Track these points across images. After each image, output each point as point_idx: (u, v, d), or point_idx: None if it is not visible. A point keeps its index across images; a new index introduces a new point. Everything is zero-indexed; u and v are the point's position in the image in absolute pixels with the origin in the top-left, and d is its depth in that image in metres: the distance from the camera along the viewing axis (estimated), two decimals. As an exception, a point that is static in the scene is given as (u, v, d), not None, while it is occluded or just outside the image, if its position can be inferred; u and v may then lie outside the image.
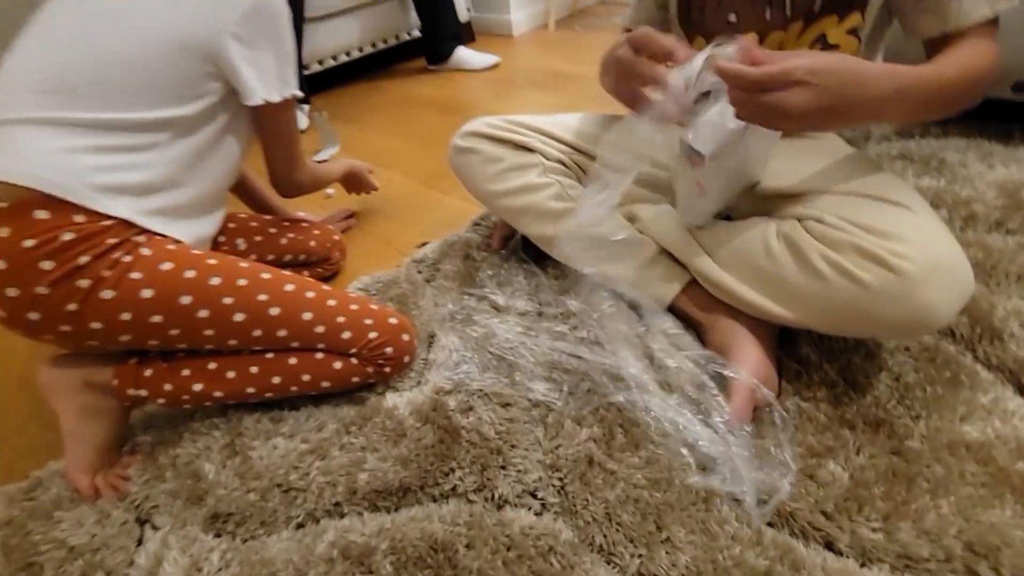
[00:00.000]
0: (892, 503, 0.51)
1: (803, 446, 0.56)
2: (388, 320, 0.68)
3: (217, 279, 0.61)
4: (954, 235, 0.79)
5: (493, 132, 0.79)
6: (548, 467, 0.59)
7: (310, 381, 0.66)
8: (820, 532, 0.50)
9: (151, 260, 0.58)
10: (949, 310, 0.50)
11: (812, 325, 0.58)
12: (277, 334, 0.63)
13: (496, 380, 0.69)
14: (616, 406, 0.63)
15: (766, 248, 0.59)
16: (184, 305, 0.59)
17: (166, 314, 0.59)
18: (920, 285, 0.49)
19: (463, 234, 0.99)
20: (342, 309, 0.66)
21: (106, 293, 0.56)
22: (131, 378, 0.63)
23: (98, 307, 0.56)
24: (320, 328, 0.64)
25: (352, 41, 1.87)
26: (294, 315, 0.63)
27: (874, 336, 0.62)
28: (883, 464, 0.54)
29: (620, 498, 0.54)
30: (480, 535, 0.53)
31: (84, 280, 0.55)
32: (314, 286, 0.67)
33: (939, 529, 0.48)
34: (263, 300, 0.62)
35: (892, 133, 1.12)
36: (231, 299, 0.61)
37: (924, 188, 0.91)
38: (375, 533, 0.54)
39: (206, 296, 0.60)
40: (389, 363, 0.68)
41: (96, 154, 0.57)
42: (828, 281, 0.53)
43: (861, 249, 0.51)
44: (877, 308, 0.51)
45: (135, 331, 0.59)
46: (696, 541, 0.50)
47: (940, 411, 0.58)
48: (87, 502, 0.61)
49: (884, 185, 0.57)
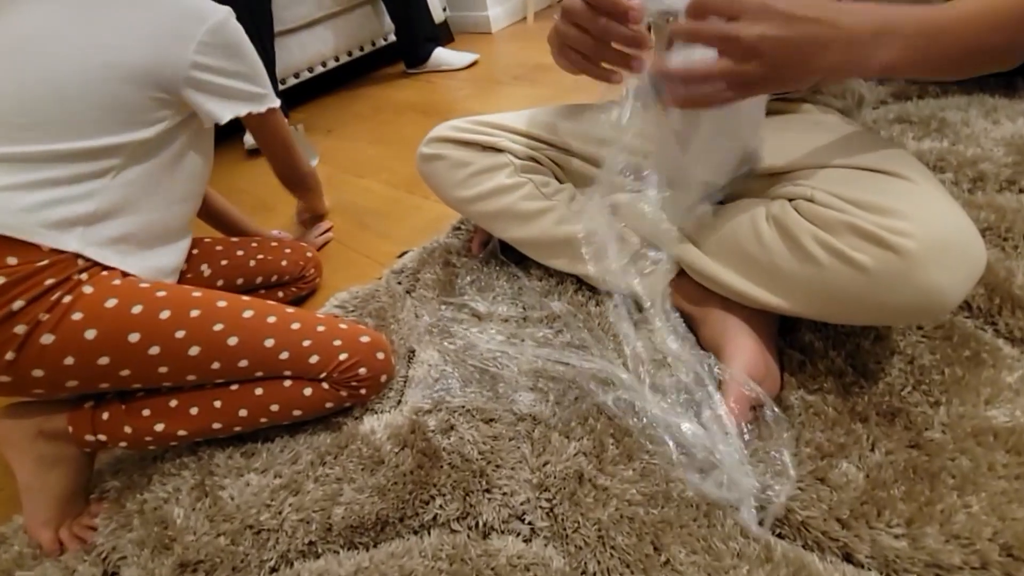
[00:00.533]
0: (915, 504, 0.45)
1: (811, 445, 0.51)
2: (359, 339, 0.64)
3: (167, 312, 0.56)
4: (962, 198, 0.74)
5: (459, 136, 0.75)
6: (536, 487, 0.54)
7: (279, 411, 0.62)
8: (837, 542, 0.45)
9: (94, 298, 0.55)
10: (959, 291, 0.45)
11: (810, 314, 0.53)
12: (238, 365, 0.59)
13: (478, 394, 0.64)
14: (606, 414, 0.58)
15: (755, 233, 0.53)
16: (132, 343, 0.55)
17: (113, 355, 0.55)
18: (924, 265, 0.43)
19: (443, 240, 0.94)
20: (307, 332, 0.62)
21: (46, 338, 0.52)
22: (87, 424, 0.60)
23: (38, 354, 0.52)
24: (284, 354, 0.60)
25: (326, 51, 1.83)
26: (254, 343, 0.59)
27: (877, 323, 0.57)
28: (902, 460, 0.48)
29: (614, 518, 0.49)
30: (463, 570, 0.48)
31: (20, 326, 0.51)
32: (275, 310, 0.63)
33: (971, 532, 0.43)
34: (219, 330, 0.58)
35: (888, 96, 1.06)
36: (183, 332, 0.57)
37: (926, 151, 0.85)
38: (351, 573, 0.50)
39: (156, 331, 0.56)
40: (364, 384, 0.63)
41: (37, 190, 0.54)
42: (823, 266, 0.48)
43: (857, 228, 0.46)
44: (878, 292, 0.45)
45: (82, 375, 0.55)
46: (699, 562, 0.45)
47: (962, 395, 0.52)
48: (51, 558, 0.58)
49: (880, 155, 0.52)
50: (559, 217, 0.71)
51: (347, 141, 1.56)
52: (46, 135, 0.55)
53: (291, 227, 1.13)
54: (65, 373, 0.54)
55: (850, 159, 0.52)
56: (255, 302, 0.63)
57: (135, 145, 0.60)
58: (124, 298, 0.56)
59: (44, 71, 0.56)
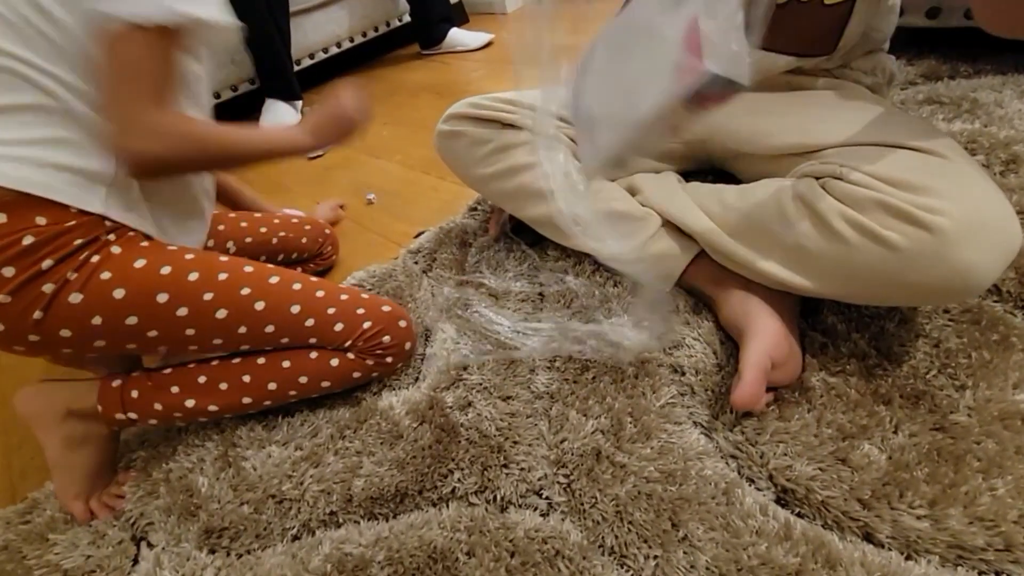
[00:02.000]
0: (938, 486, 0.45)
1: (832, 426, 0.51)
2: (381, 308, 0.64)
3: (195, 274, 0.56)
4: (994, 180, 0.72)
5: (478, 113, 0.74)
6: (553, 463, 0.54)
7: (308, 383, 0.62)
8: (857, 522, 0.45)
9: (122, 258, 0.54)
10: (992, 270, 0.44)
11: (836, 294, 0.52)
12: (264, 330, 0.59)
13: (496, 372, 0.65)
14: (624, 393, 0.58)
15: (780, 212, 0.52)
16: (161, 304, 0.55)
17: (142, 315, 0.54)
18: (958, 243, 0.42)
19: (459, 220, 0.94)
20: (331, 300, 0.62)
21: (74, 297, 0.52)
22: (116, 402, 0.60)
23: (66, 312, 0.52)
24: (310, 321, 0.60)
25: (341, 32, 1.82)
26: (281, 308, 0.59)
27: (905, 303, 0.56)
28: (925, 442, 0.48)
29: (631, 494, 0.50)
30: (481, 541, 0.49)
31: (48, 285, 0.51)
32: (301, 278, 0.62)
33: (995, 514, 0.42)
34: (246, 294, 0.58)
35: (918, 76, 1.03)
36: (211, 294, 0.56)
37: (957, 132, 0.82)
38: (371, 543, 0.51)
39: (184, 293, 0.55)
40: (389, 352, 0.64)
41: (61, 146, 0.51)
42: (851, 245, 0.47)
43: (887, 206, 0.45)
44: (909, 272, 0.44)
45: (110, 335, 0.55)
46: (717, 538, 0.45)
47: (988, 379, 0.51)
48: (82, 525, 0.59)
49: (912, 132, 0.50)
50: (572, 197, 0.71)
51: (362, 122, 1.55)
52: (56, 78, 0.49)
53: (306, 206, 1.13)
54: (93, 333, 0.54)
55: (880, 136, 0.51)
56: (280, 270, 0.62)
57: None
58: (152, 259, 0.55)
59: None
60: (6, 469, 0.71)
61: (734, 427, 0.54)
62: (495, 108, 0.74)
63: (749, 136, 0.64)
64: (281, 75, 1.59)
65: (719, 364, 0.60)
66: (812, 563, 0.42)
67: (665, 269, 0.66)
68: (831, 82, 0.65)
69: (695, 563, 0.44)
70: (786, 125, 0.58)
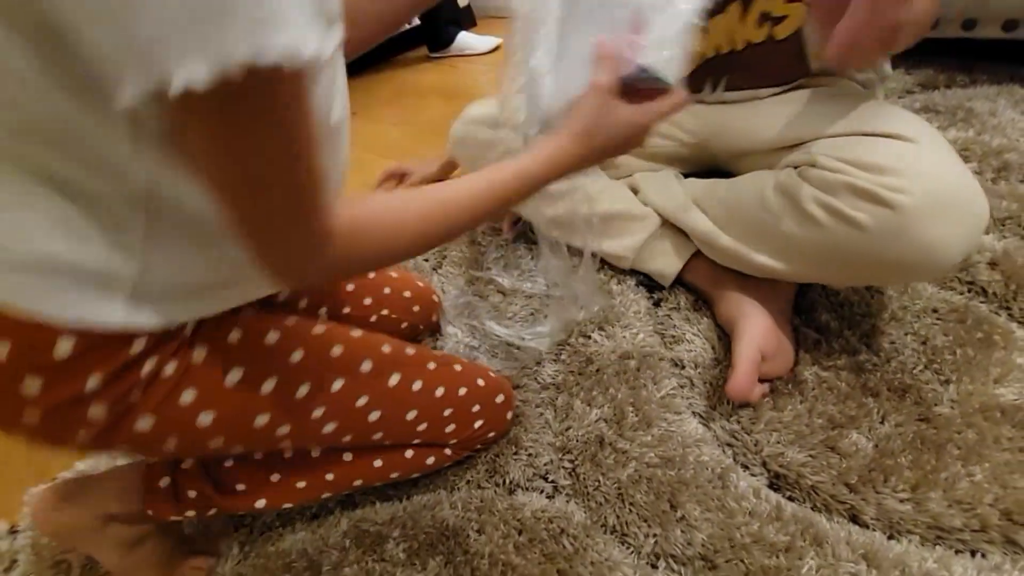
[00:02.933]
0: (921, 472, 0.48)
1: (823, 416, 0.54)
2: (495, 400, 0.56)
3: (305, 387, 0.45)
4: (985, 187, 0.75)
5: (490, 116, 0.77)
6: (559, 449, 0.58)
7: (397, 477, 0.55)
8: (844, 505, 0.48)
9: (208, 369, 0.41)
10: (958, 246, 0.45)
11: (812, 277, 0.55)
12: (372, 438, 0.50)
13: (504, 365, 0.68)
14: (627, 384, 0.61)
15: (762, 201, 0.55)
16: (259, 428, 0.43)
17: (230, 437, 0.43)
18: (920, 219, 0.44)
19: (468, 220, 0.97)
20: (450, 399, 0.53)
21: (143, 423, 0.38)
22: (169, 508, 0.49)
23: (127, 436, 0.39)
24: (422, 426, 0.52)
25: (352, 34, 1.86)
26: (397, 417, 0.50)
27: (878, 282, 0.58)
28: (910, 432, 0.51)
29: (632, 477, 0.53)
30: (491, 520, 0.52)
31: (97, 408, 0.36)
32: (421, 372, 0.52)
33: (972, 497, 0.45)
34: (362, 406, 0.48)
35: (915, 85, 1.06)
36: (321, 410, 0.46)
37: (951, 140, 0.84)
38: (387, 521, 0.54)
39: (288, 412, 0.45)
40: (485, 444, 0.58)
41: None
42: (823, 227, 0.49)
43: (855, 188, 0.47)
44: (876, 249, 0.47)
45: (180, 453, 0.44)
46: (712, 518, 0.48)
47: (972, 374, 0.54)
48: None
49: (886, 120, 0.52)
50: (582, 196, 0.74)
51: (371, 124, 1.59)
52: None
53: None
54: (162, 451, 0.42)
55: (855, 126, 0.53)
56: (398, 356, 0.51)
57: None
58: (252, 369, 0.42)
59: None
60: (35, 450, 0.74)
61: (730, 417, 0.57)
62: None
63: (746, 134, 0.67)
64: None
65: (717, 358, 0.63)
66: (800, 541, 0.45)
67: (663, 267, 0.69)
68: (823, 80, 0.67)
69: (691, 540, 0.47)
70: (778, 121, 0.61)
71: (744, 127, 0.66)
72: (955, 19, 1.01)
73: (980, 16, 0.98)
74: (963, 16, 1.00)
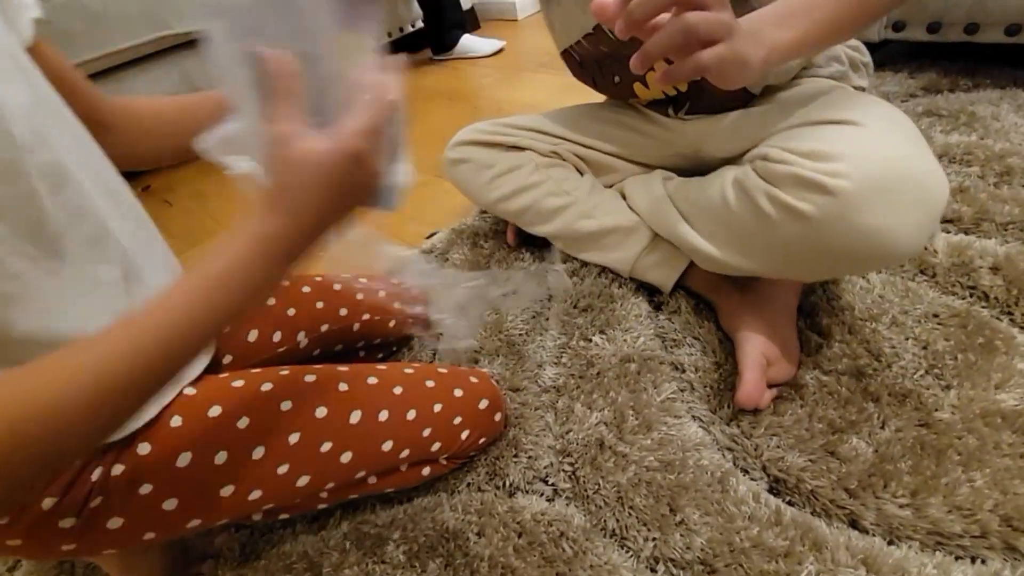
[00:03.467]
0: (921, 477, 0.48)
1: (823, 421, 0.54)
2: (478, 407, 0.56)
3: (260, 450, 0.44)
4: (987, 191, 0.75)
5: (483, 138, 0.78)
6: (559, 452, 0.58)
7: (394, 489, 0.55)
8: (843, 510, 0.48)
9: (159, 459, 0.41)
10: (908, 231, 0.43)
11: (773, 272, 0.54)
12: (355, 477, 0.50)
13: (505, 366, 0.68)
14: (627, 388, 0.61)
15: (723, 198, 0.54)
16: (227, 497, 0.44)
17: (206, 514, 0.44)
18: (861, 204, 0.42)
19: (470, 222, 0.98)
20: (425, 418, 0.52)
21: (113, 523, 0.40)
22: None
23: (105, 537, 0.41)
24: (404, 452, 0.51)
25: (356, 37, 1.87)
26: (371, 452, 0.50)
27: (834, 274, 0.57)
28: (910, 437, 0.51)
29: (632, 481, 0.53)
30: (491, 522, 0.52)
31: (67, 520, 0.39)
32: (383, 398, 0.51)
33: (973, 503, 0.45)
34: (327, 451, 0.47)
35: (918, 89, 1.05)
36: (286, 466, 0.45)
37: (953, 144, 0.85)
38: (387, 523, 0.54)
39: (249, 476, 0.44)
40: (480, 450, 0.59)
41: None
42: (773, 221, 0.48)
43: (799, 178, 0.45)
44: (823, 239, 0.45)
45: (165, 533, 0.44)
46: (712, 523, 0.48)
47: (973, 379, 0.54)
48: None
49: (840, 107, 0.50)
50: (578, 212, 0.74)
51: (375, 126, 1.60)
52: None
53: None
54: (142, 540, 0.43)
55: (808, 116, 0.52)
56: (357, 391, 0.50)
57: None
58: (199, 448, 0.43)
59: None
60: None
61: (730, 421, 0.57)
62: (497, 132, 0.78)
63: (728, 139, 0.67)
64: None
65: (717, 362, 0.63)
66: (800, 546, 0.45)
67: (660, 278, 0.70)
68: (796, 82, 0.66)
69: (691, 544, 0.47)
70: (752, 130, 0.60)
71: (725, 132, 0.66)
72: (957, 23, 1.01)
73: (982, 20, 0.98)
74: (965, 20, 1.00)
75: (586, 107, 0.81)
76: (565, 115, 0.80)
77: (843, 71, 0.65)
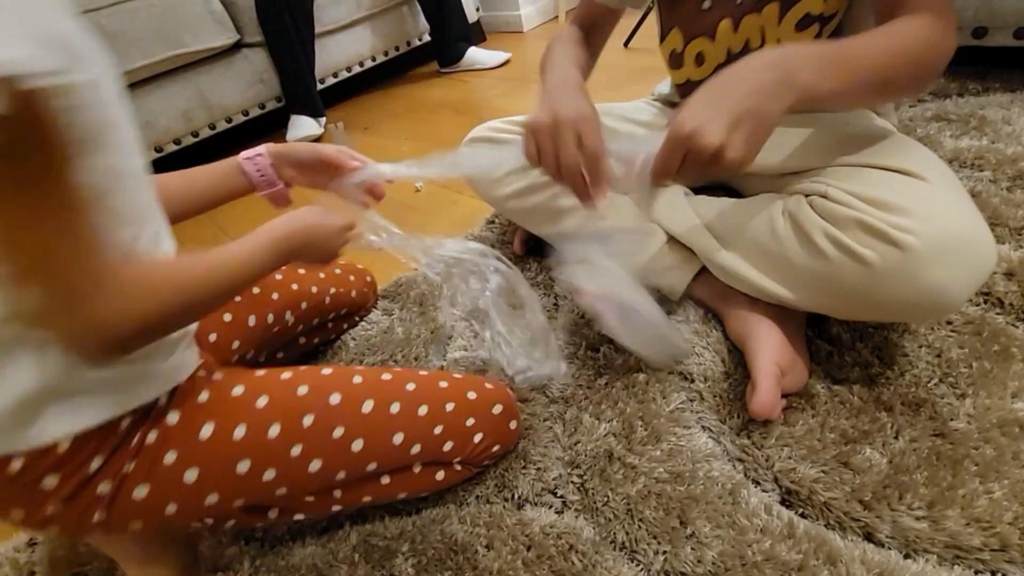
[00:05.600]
0: (937, 489, 0.47)
1: (836, 431, 0.53)
2: (492, 411, 0.56)
3: (276, 427, 0.47)
4: (1000, 196, 0.74)
5: (495, 136, 0.79)
6: (567, 464, 0.57)
7: (407, 495, 0.56)
8: (858, 522, 0.47)
9: (182, 430, 0.45)
10: (962, 290, 0.45)
11: (820, 308, 0.54)
12: (366, 469, 0.51)
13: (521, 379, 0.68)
14: (635, 398, 0.61)
15: (771, 228, 0.55)
16: (242, 474, 0.46)
17: (222, 489, 0.46)
18: (927, 261, 0.44)
19: (477, 232, 0.98)
20: (437, 415, 0.53)
21: (139, 491, 0.43)
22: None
23: (133, 508, 0.44)
24: (416, 448, 0.52)
25: (364, 51, 1.90)
26: (382, 443, 0.51)
27: (880, 319, 0.58)
28: (925, 448, 0.50)
29: (642, 493, 0.52)
30: (500, 535, 0.52)
31: (104, 484, 0.42)
32: (396, 392, 0.53)
33: (991, 516, 0.44)
34: (339, 436, 0.49)
35: (926, 94, 1.05)
36: (299, 447, 0.47)
37: (964, 149, 0.85)
38: (396, 536, 0.54)
39: (268, 454, 0.47)
40: (494, 458, 0.58)
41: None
42: (830, 260, 0.49)
43: (864, 224, 0.47)
44: (881, 288, 0.47)
45: (187, 517, 0.47)
46: (723, 535, 0.48)
47: (988, 388, 0.53)
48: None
49: (900, 154, 0.52)
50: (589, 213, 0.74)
51: (383, 138, 1.62)
52: None
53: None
54: (165, 520, 0.46)
55: (869, 158, 0.53)
56: (371, 383, 0.52)
57: None
58: (221, 420, 0.46)
59: None
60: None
61: (741, 432, 0.56)
62: (509, 131, 0.78)
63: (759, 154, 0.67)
64: (306, 93, 1.67)
65: (727, 372, 0.62)
66: (814, 559, 0.45)
67: (671, 283, 0.69)
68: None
69: (702, 558, 0.47)
70: (787, 144, 0.61)
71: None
72: (965, 28, 1.00)
73: (990, 24, 0.98)
74: (973, 24, 0.99)
75: (603, 107, 0.81)
76: None
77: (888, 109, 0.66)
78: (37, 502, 0.41)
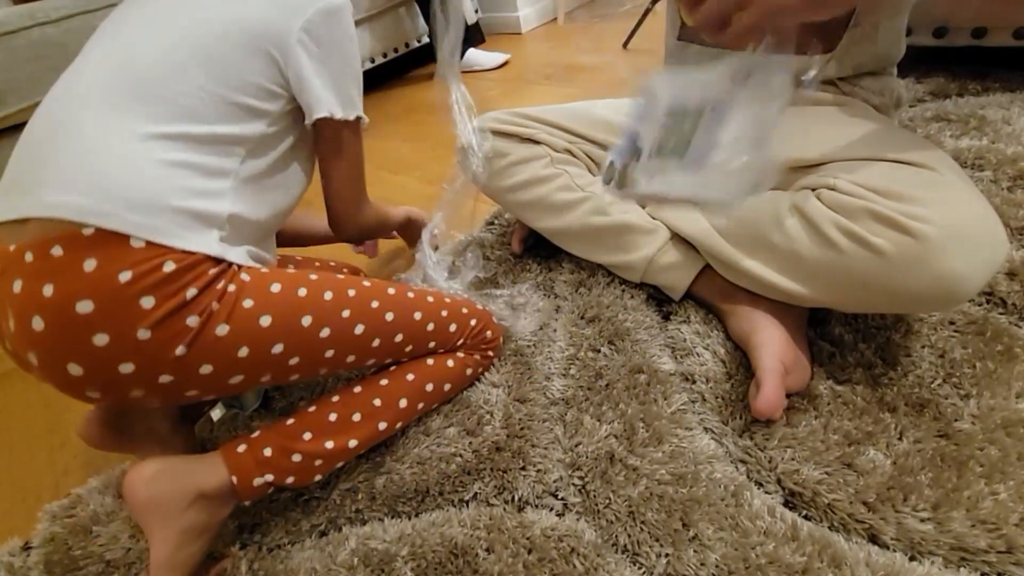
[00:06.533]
0: (942, 490, 0.46)
1: (839, 432, 0.53)
2: (476, 306, 0.68)
3: (329, 293, 0.54)
4: (1001, 196, 0.74)
5: (498, 127, 0.78)
6: (568, 466, 0.57)
7: (434, 390, 0.63)
8: (862, 524, 0.46)
9: (256, 285, 0.51)
10: (976, 277, 0.45)
11: (831, 302, 0.54)
12: (395, 340, 0.59)
13: (512, 378, 0.67)
14: (637, 400, 0.60)
15: (778, 223, 0.55)
16: (305, 327, 0.52)
17: (288, 342, 0.51)
18: (942, 250, 0.44)
19: (476, 234, 0.98)
20: (440, 304, 0.64)
21: (220, 329, 0.47)
22: (251, 467, 0.53)
23: (212, 347, 0.47)
24: (431, 325, 0.62)
25: (363, 53, 1.90)
26: (407, 317, 0.60)
27: (894, 310, 0.57)
28: (930, 449, 0.50)
29: (644, 495, 0.52)
30: (500, 538, 0.51)
31: (193, 317, 0.46)
32: (404, 286, 0.64)
33: (997, 517, 0.44)
34: (376, 307, 0.57)
35: (926, 94, 1.05)
36: (348, 311, 0.55)
37: (964, 149, 0.84)
38: (395, 539, 0.54)
39: (325, 313, 0.54)
40: (490, 346, 0.68)
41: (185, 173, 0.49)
42: (842, 251, 0.49)
43: (876, 214, 0.47)
44: (896, 277, 0.46)
45: (251, 368, 0.50)
46: (726, 538, 0.47)
47: (992, 388, 0.53)
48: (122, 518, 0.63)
49: (906, 146, 0.53)
50: (593, 208, 0.74)
51: (382, 140, 1.61)
52: (179, 112, 0.49)
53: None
54: (235, 367, 0.49)
55: (875, 151, 0.53)
56: (389, 283, 0.63)
57: (253, 141, 0.54)
58: (285, 282, 0.52)
59: (188, 35, 0.52)
60: (51, 466, 0.75)
61: (743, 433, 0.56)
62: (513, 123, 0.78)
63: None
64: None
65: (729, 373, 0.62)
66: (818, 562, 0.44)
67: (673, 281, 0.69)
68: (840, 99, 0.67)
69: (705, 561, 0.46)
70: (791, 140, 0.60)
71: None
72: (964, 27, 1.00)
73: (990, 24, 0.98)
74: (972, 24, 0.99)
75: (604, 103, 0.81)
76: (585, 111, 0.80)
77: (888, 104, 0.66)
78: (131, 322, 0.44)
